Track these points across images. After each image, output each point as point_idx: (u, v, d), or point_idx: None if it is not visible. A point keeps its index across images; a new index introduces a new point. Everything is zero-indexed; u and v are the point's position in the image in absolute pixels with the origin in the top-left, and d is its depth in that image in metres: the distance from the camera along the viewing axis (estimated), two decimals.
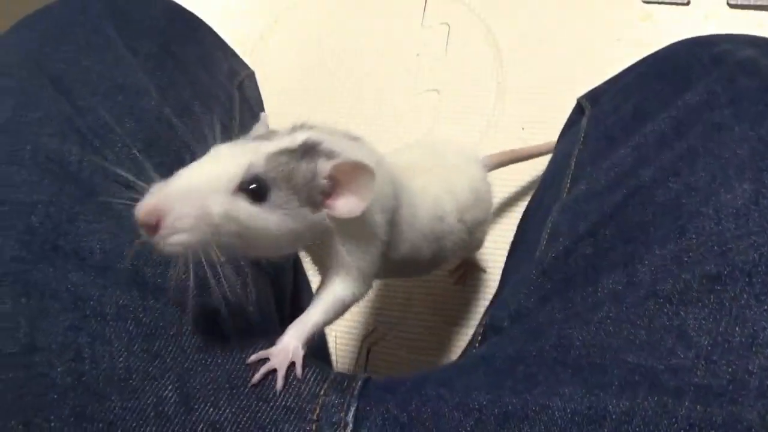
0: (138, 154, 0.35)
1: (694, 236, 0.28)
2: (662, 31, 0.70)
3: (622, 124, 0.38)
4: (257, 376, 0.27)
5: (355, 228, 0.31)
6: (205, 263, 0.26)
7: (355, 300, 0.32)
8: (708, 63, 0.37)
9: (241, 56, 0.53)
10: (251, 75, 0.51)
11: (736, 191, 0.28)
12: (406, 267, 0.41)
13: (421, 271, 0.46)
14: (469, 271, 0.60)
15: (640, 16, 0.71)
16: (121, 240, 0.30)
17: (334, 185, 0.29)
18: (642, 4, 0.71)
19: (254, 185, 0.27)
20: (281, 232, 0.28)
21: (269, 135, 0.30)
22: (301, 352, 0.29)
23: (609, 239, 0.31)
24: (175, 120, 0.39)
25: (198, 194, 0.26)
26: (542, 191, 0.43)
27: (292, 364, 0.28)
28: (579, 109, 0.46)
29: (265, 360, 0.28)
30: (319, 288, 0.33)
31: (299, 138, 0.29)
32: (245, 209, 0.26)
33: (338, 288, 0.31)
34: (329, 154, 0.29)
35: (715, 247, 0.27)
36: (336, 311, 0.32)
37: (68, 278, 0.28)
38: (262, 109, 0.53)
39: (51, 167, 0.32)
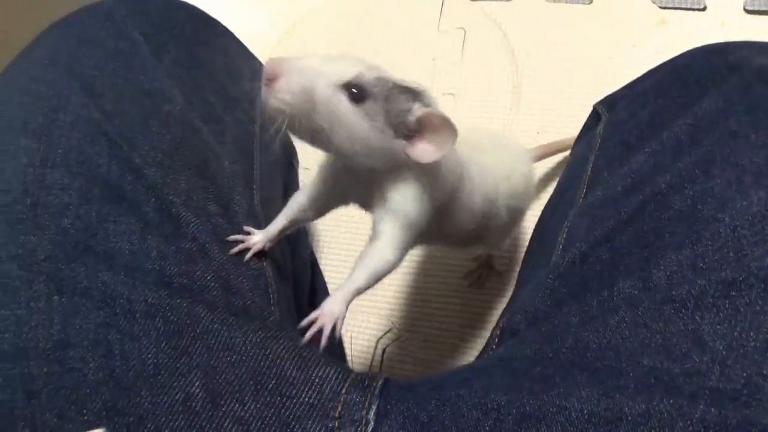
0: (163, 158, 0.36)
1: (710, 242, 0.28)
2: (678, 37, 0.70)
3: (639, 130, 0.38)
4: (307, 336, 0.30)
5: (420, 174, 0.34)
6: None
7: (393, 266, 0.35)
8: (724, 70, 0.37)
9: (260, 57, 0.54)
10: None
11: (752, 198, 0.29)
12: (447, 237, 0.43)
13: (457, 244, 0.49)
14: (485, 273, 0.61)
15: (656, 21, 0.71)
16: (148, 241, 0.31)
17: (420, 130, 0.33)
18: (658, 9, 0.72)
19: (356, 90, 0.31)
20: (360, 136, 0.32)
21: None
22: (344, 313, 0.32)
23: (625, 244, 0.31)
24: (200, 124, 0.40)
25: (313, 74, 0.31)
26: (558, 196, 0.44)
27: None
28: (595, 115, 0.46)
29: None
30: (361, 254, 0.35)
31: (409, 81, 0.34)
32: (342, 102, 0.31)
33: (380, 251, 0.34)
34: (427, 104, 0.33)
35: (731, 254, 0.27)
36: (377, 275, 0.34)
37: (99, 277, 0.29)
38: None
39: (81, 170, 0.33)
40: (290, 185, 0.52)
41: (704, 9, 0.71)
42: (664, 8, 0.72)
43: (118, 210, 0.32)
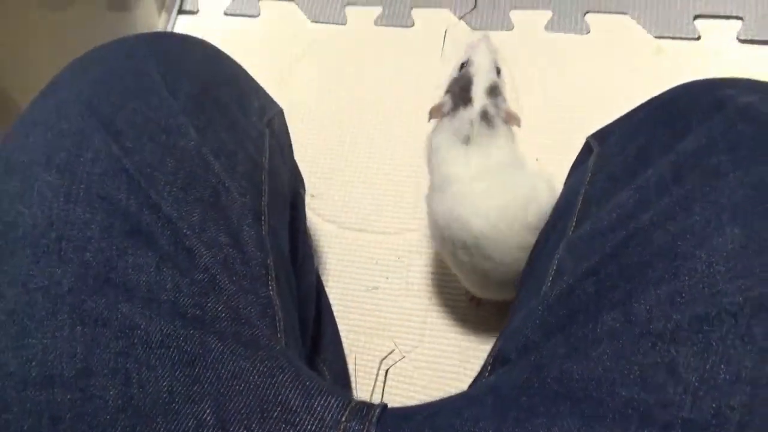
0: (178, 192, 0.38)
1: (687, 278, 0.30)
2: (674, 65, 0.72)
3: (626, 165, 0.40)
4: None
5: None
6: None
7: None
8: (710, 108, 0.39)
9: (268, 87, 0.57)
10: (280, 112, 0.54)
11: (728, 235, 0.31)
12: None
13: None
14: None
15: (652, 50, 0.73)
16: (164, 273, 0.34)
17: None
18: (654, 39, 0.74)
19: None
20: None
21: None
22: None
23: (610, 278, 0.33)
24: (212, 158, 0.42)
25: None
26: (551, 227, 0.46)
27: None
28: (588, 148, 0.48)
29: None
30: None
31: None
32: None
33: None
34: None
35: (706, 289, 0.29)
36: None
37: (118, 309, 0.32)
38: (290, 143, 0.56)
39: (102, 205, 0.36)
40: (297, 213, 0.55)
41: (699, 38, 0.73)
42: (660, 38, 0.74)
43: (136, 243, 0.35)
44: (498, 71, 0.56)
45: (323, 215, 0.71)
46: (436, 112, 0.56)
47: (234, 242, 0.39)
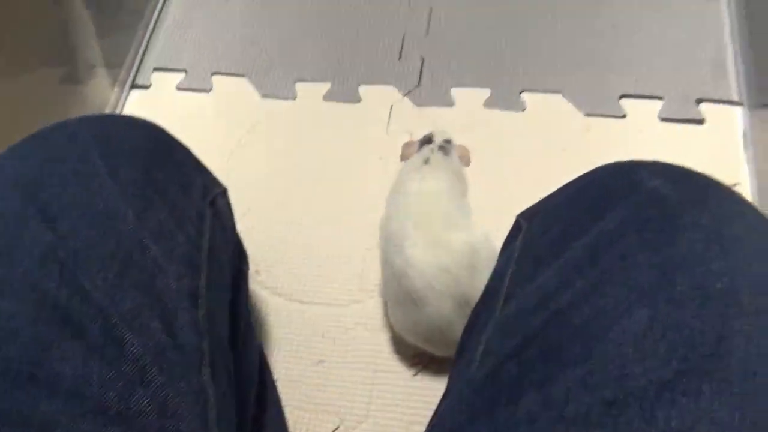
0: (113, 278, 0.39)
1: (598, 360, 0.32)
2: (602, 142, 0.77)
3: (549, 246, 0.43)
4: None
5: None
6: None
7: None
8: (622, 192, 0.41)
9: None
10: (223, 192, 0.55)
11: (635, 317, 0.33)
12: None
13: None
14: (429, 362, 0.63)
15: (582, 128, 0.78)
16: (90, 366, 0.33)
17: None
18: (584, 117, 0.79)
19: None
20: None
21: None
22: None
23: (531, 360, 0.34)
24: (150, 242, 0.42)
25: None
26: (482, 304, 0.47)
27: None
28: (517, 226, 0.50)
29: None
30: None
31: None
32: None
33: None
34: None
35: (615, 372, 0.31)
36: None
37: (39, 406, 0.31)
38: (233, 223, 0.57)
39: (32, 295, 0.36)
40: (239, 291, 0.55)
41: (624, 117, 0.79)
42: (589, 116, 0.79)
43: (64, 335, 0.34)
44: (449, 141, 0.70)
45: (271, 288, 0.71)
46: (407, 148, 0.71)
47: (167, 328, 0.39)
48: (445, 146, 0.67)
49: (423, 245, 0.57)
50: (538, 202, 0.51)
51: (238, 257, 0.58)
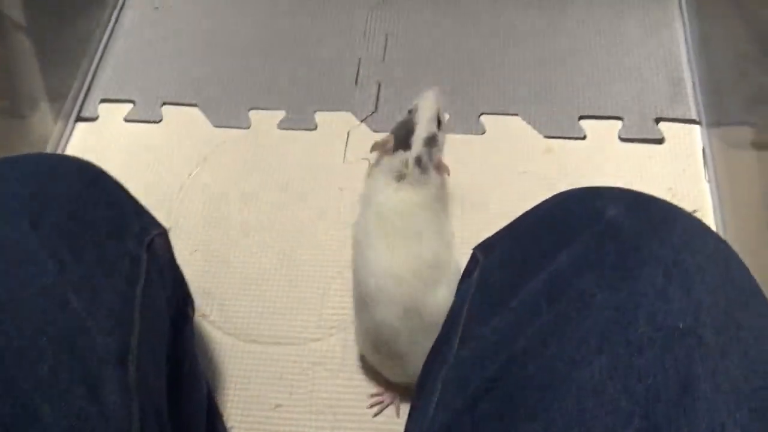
0: (26, 340, 0.35)
1: (558, 415, 0.29)
2: (563, 163, 0.75)
3: (505, 283, 0.40)
4: None
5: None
6: None
7: None
8: (582, 222, 0.39)
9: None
10: (162, 234, 0.52)
11: (594, 366, 0.30)
12: None
13: None
14: (384, 403, 0.61)
15: (542, 149, 0.77)
16: None
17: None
18: (543, 138, 0.78)
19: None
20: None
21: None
22: None
23: (485, 415, 0.32)
24: (72, 295, 0.39)
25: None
26: (439, 344, 0.45)
27: None
28: (474, 259, 0.48)
29: None
30: None
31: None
32: None
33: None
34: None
35: (575, 428, 0.28)
36: None
37: None
38: (174, 266, 0.54)
39: None
40: (182, 336, 0.51)
41: (584, 138, 0.78)
42: (549, 137, 0.78)
43: None
44: (439, 123, 0.63)
45: (223, 328, 0.68)
46: (379, 147, 0.63)
47: (90, 393, 0.35)
48: (423, 160, 0.60)
49: (383, 250, 0.56)
50: (496, 234, 0.48)
51: (182, 300, 0.54)
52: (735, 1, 0.80)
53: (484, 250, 0.47)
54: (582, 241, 0.38)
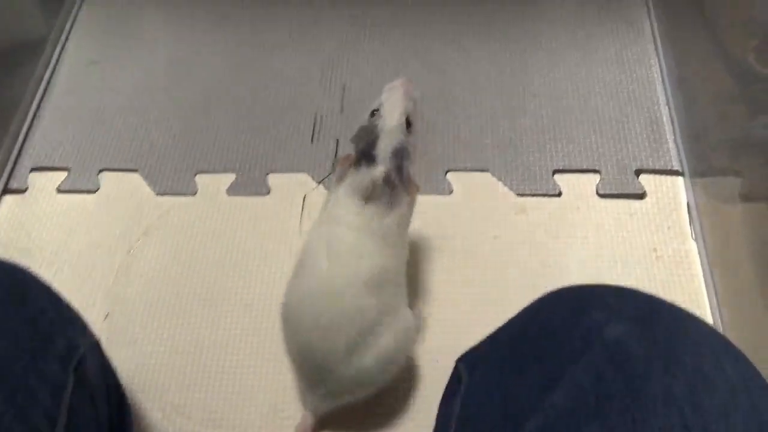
0: None
1: None
2: (538, 223, 0.69)
3: (495, 422, 0.34)
4: None
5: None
6: None
7: None
8: (576, 344, 0.34)
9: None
10: (93, 347, 0.45)
11: None
12: None
13: None
14: None
15: (515, 210, 0.71)
16: None
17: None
18: (516, 197, 0.72)
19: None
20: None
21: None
22: None
23: None
24: None
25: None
26: None
27: None
28: (456, 374, 0.42)
29: None
30: None
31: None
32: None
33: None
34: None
35: None
36: None
37: None
38: (104, 384, 0.46)
39: None
40: None
41: (560, 194, 0.72)
42: (522, 195, 0.72)
43: None
44: (409, 124, 0.52)
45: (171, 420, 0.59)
46: (344, 162, 0.54)
47: None
48: (392, 179, 0.50)
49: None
50: (480, 345, 0.42)
51: (119, 409, 0.47)
52: (710, 37, 0.75)
53: (469, 365, 0.41)
54: (579, 370, 0.32)
